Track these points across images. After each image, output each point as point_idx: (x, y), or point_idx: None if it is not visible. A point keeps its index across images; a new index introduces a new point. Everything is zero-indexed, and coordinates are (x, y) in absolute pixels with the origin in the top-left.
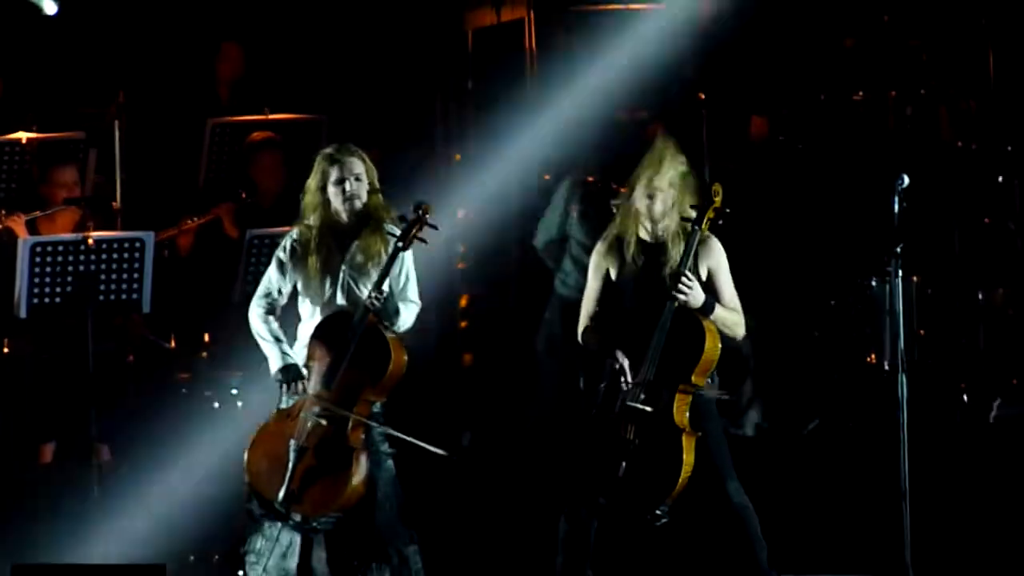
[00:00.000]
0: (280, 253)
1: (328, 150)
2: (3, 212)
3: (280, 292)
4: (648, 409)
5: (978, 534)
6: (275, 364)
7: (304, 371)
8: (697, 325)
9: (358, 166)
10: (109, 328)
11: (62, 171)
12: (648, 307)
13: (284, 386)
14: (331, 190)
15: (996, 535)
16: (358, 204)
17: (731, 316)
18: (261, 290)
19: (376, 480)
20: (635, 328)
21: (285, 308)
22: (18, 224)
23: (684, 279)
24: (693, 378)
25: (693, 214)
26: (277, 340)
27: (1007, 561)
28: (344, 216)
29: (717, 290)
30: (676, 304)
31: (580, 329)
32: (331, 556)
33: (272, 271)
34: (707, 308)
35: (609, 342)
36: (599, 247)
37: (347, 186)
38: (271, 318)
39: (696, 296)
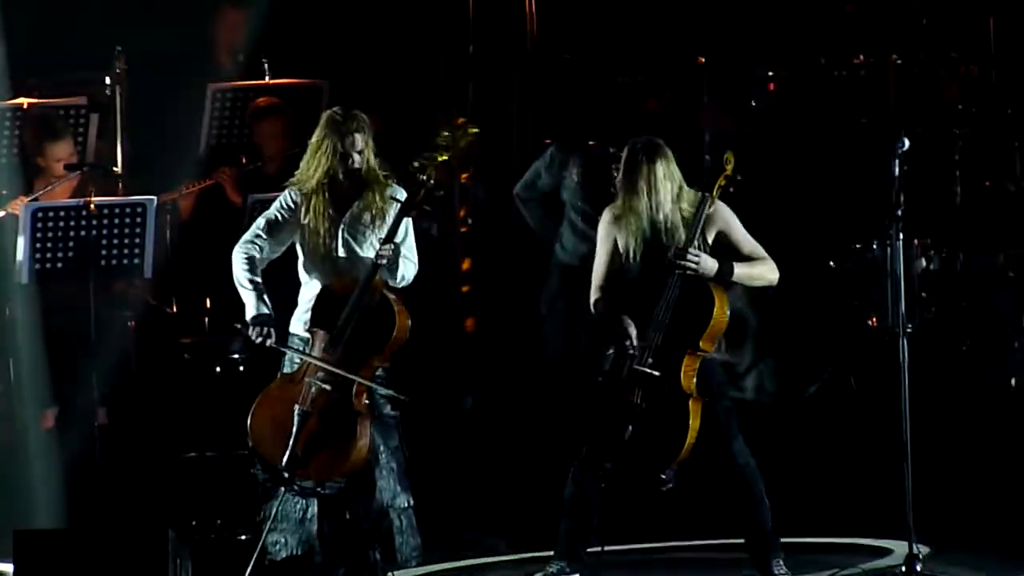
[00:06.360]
0: (276, 210)
1: (336, 116)
2: (3, 193)
3: (266, 246)
4: (656, 373)
5: (980, 496)
6: (251, 311)
7: (273, 320)
8: (706, 292)
9: (361, 141)
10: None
11: (55, 146)
12: (653, 276)
13: (250, 329)
14: (335, 160)
15: (997, 496)
16: (360, 174)
17: (756, 269)
18: (248, 236)
19: (379, 444)
20: (640, 296)
21: (280, 279)
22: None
23: (690, 254)
24: (701, 344)
25: (700, 193)
26: (256, 288)
27: (1008, 521)
28: (343, 178)
29: (735, 248)
30: (682, 276)
31: (592, 298)
32: (334, 521)
33: (263, 222)
34: (725, 272)
35: (615, 310)
36: (606, 216)
37: (351, 161)
38: (254, 266)
39: (706, 265)
